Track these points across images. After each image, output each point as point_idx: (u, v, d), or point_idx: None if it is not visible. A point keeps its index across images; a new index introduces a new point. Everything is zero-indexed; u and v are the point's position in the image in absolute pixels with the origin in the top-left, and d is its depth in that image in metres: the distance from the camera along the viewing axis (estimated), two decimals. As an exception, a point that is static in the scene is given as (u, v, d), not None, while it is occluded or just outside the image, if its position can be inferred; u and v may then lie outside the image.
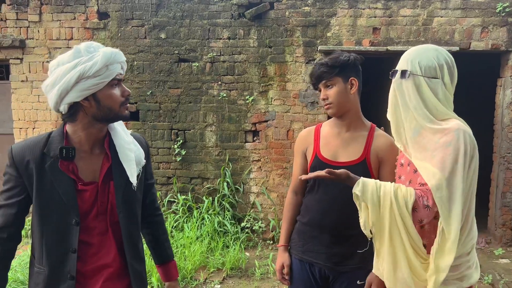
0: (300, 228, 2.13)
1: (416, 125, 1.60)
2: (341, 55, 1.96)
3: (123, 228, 1.60)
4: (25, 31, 5.43)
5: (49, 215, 1.51)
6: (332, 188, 1.99)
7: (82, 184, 1.53)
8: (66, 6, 5.37)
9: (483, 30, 4.92)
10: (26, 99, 5.52)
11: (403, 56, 1.69)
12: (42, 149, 1.51)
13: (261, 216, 5.41)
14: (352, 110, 2.00)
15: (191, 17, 5.28)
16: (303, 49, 5.16)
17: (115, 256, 1.60)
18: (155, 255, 1.89)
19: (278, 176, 5.36)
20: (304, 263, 2.09)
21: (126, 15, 5.34)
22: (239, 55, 5.27)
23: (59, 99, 1.45)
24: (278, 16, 5.16)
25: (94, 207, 1.55)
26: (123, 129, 1.65)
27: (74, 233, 1.51)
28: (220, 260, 4.49)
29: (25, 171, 1.49)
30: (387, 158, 1.96)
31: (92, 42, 1.53)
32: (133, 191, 1.61)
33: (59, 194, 1.49)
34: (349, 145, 2.01)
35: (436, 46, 1.66)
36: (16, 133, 5.58)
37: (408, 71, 1.61)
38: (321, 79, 1.97)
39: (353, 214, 1.99)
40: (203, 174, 5.47)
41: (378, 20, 5.03)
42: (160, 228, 1.89)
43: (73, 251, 1.51)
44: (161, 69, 5.37)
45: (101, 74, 1.44)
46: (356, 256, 2.01)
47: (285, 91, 5.25)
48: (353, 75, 1.97)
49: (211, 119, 5.39)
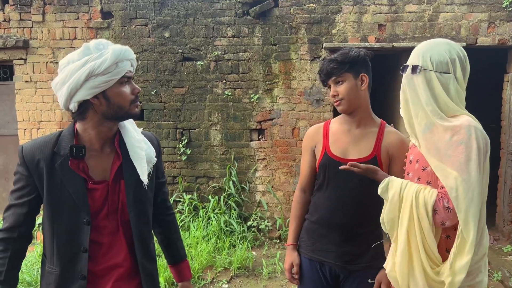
0: (309, 226, 2.11)
1: (427, 121, 1.57)
2: (350, 51, 1.93)
3: (133, 227, 1.58)
4: (29, 31, 5.42)
5: (59, 214, 1.49)
6: (342, 186, 1.97)
7: (92, 182, 1.51)
8: (70, 6, 5.35)
9: (490, 25, 4.87)
10: (30, 100, 5.50)
11: (414, 50, 1.66)
12: (52, 148, 1.49)
13: (267, 215, 5.39)
14: (363, 107, 1.97)
15: (195, 16, 5.25)
16: (308, 47, 5.13)
17: (126, 255, 1.58)
18: (167, 255, 1.87)
19: (284, 174, 5.33)
20: (314, 262, 2.06)
21: (130, 14, 5.32)
22: (243, 53, 5.24)
23: (69, 97, 1.44)
24: (282, 13, 5.13)
25: (104, 206, 1.53)
26: (133, 128, 1.64)
27: (85, 233, 1.49)
28: (227, 259, 4.47)
29: (35, 170, 1.48)
30: (398, 155, 1.93)
31: (102, 39, 1.51)
32: (144, 190, 1.59)
33: (69, 193, 1.47)
34: (359, 142, 1.98)
35: (448, 40, 1.63)
36: (20, 134, 5.56)
37: (419, 66, 1.58)
38: (331, 75, 1.94)
39: (363, 212, 1.97)
40: (208, 173, 5.45)
41: (384, 16, 4.99)
42: (172, 227, 1.87)
43: (84, 251, 1.49)
44: (165, 68, 5.34)
45: (110, 71, 1.43)
46: (367, 254, 1.98)
47: (290, 89, 5.22)
48: (363, 71, 1.94)
49: (216, 118, 5.36)
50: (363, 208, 1.96)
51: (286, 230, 5.23)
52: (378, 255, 2.01)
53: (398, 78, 5.33)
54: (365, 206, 1.96)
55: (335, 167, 1.94)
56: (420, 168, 1.64)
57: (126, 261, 1.58)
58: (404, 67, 1.67)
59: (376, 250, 2.00)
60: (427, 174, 1.61)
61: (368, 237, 2.00)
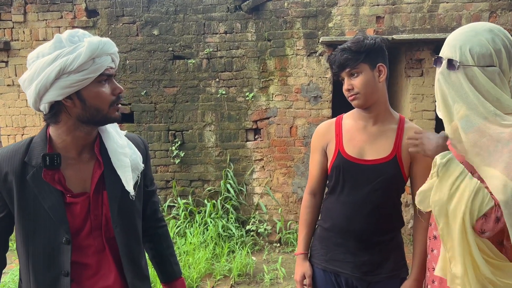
0: (322, 234, 1.90)
1: (473, 119, 1.33)
2: (366, 38, 1.69)
3: (120, 244, 1.37)
4: (10, 32, 5.14)
5: (34, 234, 1.27)
6: (358, 189, 1.76)
7: (70, 196, 1.29)
8: (52, 4, 5.08)
9: (491, 15, 4.71)
10: (14, 104, 5.22)
11: (448, 40, 1.43)
12: (22, 158, 1.27)
13: (266, 217, 5.17)
14: (381, 101, 1.75)
15: (185, 12, 5.02)
16: (304, 41, 4.92)
17: (116, 277, 1.38)
18: (160, 273, 1.66)
19: (283, 175, 5.12)
20: (328, 273, 1.85)
21: (116, 11, 5.06)
22: (237, 50, 5.01)
23: (38, 98, 1.23)
24: (276, 7, 4.92)
25: (86, 222, 1.32)
26: (116, 130, 1.42)
27: (66, 253, 1.28)
28: (226, 266, 4.25)
29: (3, 185, 1.25)
30: (420, 154, 1.72)
31: (78, 30, 1.28)
32: (130, 201, 1.38)
33: (44, 209, 1.26)
34: (376, 141, 1.76)
35: (490, 25, 1.37)
36: (4, 140, 5.28)
37: (457, 62, 1.35)
38: (345, 67, 1.70)
39: (382, 217, 1.76)
40: (203, 176, 5.21)
41: (382, 8, 4.80)
42: (165, 241, 1.67)
43: (66, 274, 1.28)
44: (155, 68, 5.10)
45: (85, 68, 1.22)
46: (387, 264, 1.78)
47: (286, 86, 5.01)
48: (381, 61, 1.71)
49: (210, 118, 5.13)
50: (383, 213, 1.76)
51: (286, 233, 5.03)
52: (400, 265, 1.81)
53: (397, 72, 5.19)
54: (385, 210, 1.77)
55: (351, 169, 1.75)
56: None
57: (116, 283, 1.38)
58: (437, 59, 1.44)
59: (397, 259, 1.81)
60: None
61: (388, 244, 1.80)
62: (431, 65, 4.72)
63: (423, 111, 4.79)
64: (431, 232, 1.60)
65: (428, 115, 4.78)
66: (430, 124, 4.78)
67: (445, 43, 1.45)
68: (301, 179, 5.08)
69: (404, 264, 1.83)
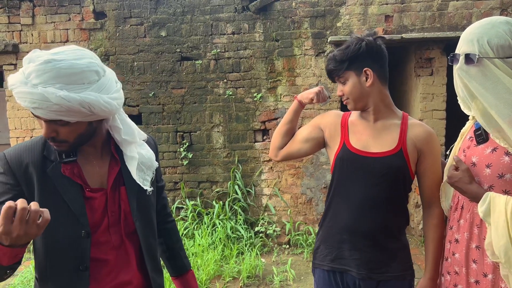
0: (326, 234, 1.85)
1: (503, 109, 1.31)
2: (351, 44, 1.70)
3: (142, 238, 1.39)
4: (18, 35, 5.16)
5: (54, 227, 1.25)
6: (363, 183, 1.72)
7: (89, 190, 1.30)
8: (60, 7, 5.09)
9: (502, 13, 4.65)
10: (22, 107, 5.22)
11: (464, 36, 1.40)
12: (41, 151, 1.28)
13: (275, 219, 5.13)
14: (374, 101, 1.74)
15: (192, 13, 5.01)
16: (312, 41, 4.89)
17: (135, 271, 1.39)
18: (170, 267, 1.68)
19: (291, 176, 5.08)
20: (333, 274, 1.81)
21: (124, 13, 5.07)
22: (244, 51, 4.99)
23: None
24: (284, 7, 4.89)
25: (104, 218, 1.33)
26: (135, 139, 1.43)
27: (85, 247, 1.28)
28: (235, 268, 4.22)
29: (23, 176, 1.25)
30: (428, 149, 1.70)
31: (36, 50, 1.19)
32: (147, 196, 1.41)
33: (64, 202, 1.26)
34: (381, 135, 1.74)
35: (506, 18, 1.36)
36: (13, 143, 5.30)
37: (476, 55, 1.32)
38: (332, 76, 1.79)
39: (389, 214, 1.72)
40: (211, 177, 5.19)
41: (390, 7, 4.76)
42: (174, 236, 1.70)
43: (84, 269, 1.28)
44: (163, 69, 5.09)
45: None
46: (395, 263, 1.73)
47: (294, 87, 4.98)
48: (367, 65, 1.70)
49: (218, 119, 5.11)
50: (389, 209, 1.73)
51: (296, 235, 4.99)
52: (407, 266, 1.77)
53: (407, 71, 5.14)
54: (391, 206, 1.73)
55: (356, 162, 1.73)
56: (494, 175, 1.38)
57: (135, 278, 1.40)
58: (454, 56, 1.41)
59: (405, 259, 1.77)
60: (505, 182, 1.36)
61: (395, 242, 1.76)
62: (441, 64, 4.67)
63: (433, 111, 4.73)
64: (453, 235, 1.56)
65: (438, 115, 4.73)
66: (441, 124, 4.72)
67: (461, 39, 1.43)
68: (310, 180, 5.04)
69: (411, 265, 1.79)
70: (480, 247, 1.42)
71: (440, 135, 4.70)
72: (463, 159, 1.50)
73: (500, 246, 1.31)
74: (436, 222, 1.70)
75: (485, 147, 1.43)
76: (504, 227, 1.30)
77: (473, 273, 1.46)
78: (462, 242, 1.49)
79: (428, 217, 1.75)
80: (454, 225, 1.55)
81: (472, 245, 1.46)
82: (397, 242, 1.76)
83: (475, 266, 1.45)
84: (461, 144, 1.59)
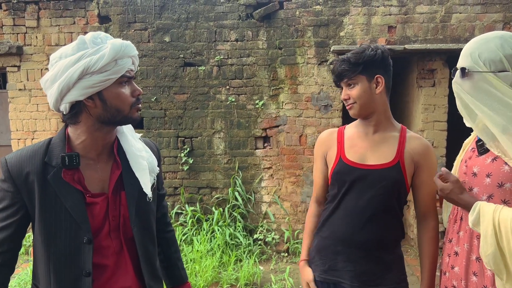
0: (321, 244, 1.85)
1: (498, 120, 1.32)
2: (367, 49, 1.70)
3: (139, 244, 1.38)
4: (23, 37, 5.19)
5: (56, 234, 1.27)
6: (360, 195, 1.72)
7: (90, 196, 1.30)
8: (65, 10, 5.12)
9: (505, 26, 4.67)
10: (24, 109, 5.25)
11: (463, 50, 1.44)
12: (42, 158, 1.28)
13: (274, 227, 5.12)
14: (378, 111, 1.74)
15: (196, 19, 5.04)
16: (315, 50, 4.91)
17: (133, 278, 1.38)
18: (167, 277, 1.66)
19: (291, 184, 5.08)
20: (327, 285, 1.80)
21: (128, 18, 5.10)
22: (247, 58, 5.01)
23: (59, 97, 1.24)
24: (288, 16, 4.92)
25: (105, 223, 1.33)
26: (131, 134, 1.44)
27: (87, 253, 1.28)
28: (233, 275, 4.19)
29: (24, 185, 1.25)
30: (425, 162, 1.70)
31: (100, 32, 1.29)
32: (147, 202, 1.41)
33: (66, 209, 1.26)
34: (378, 147, 1.74)
35: (502, 32, 1.39)
36: (14, 145, 5.31)
37: (466, 68, 1.37)
38: (343, 77, 1.73)
39: (384, 224, 1.71)
40: (211, 183, 5.19)
41: (394, 18, 4.78)
42: (172, 245, 1.68)
43: (87, 275, 1.28)
44: (166, 74, 5.11)
45: (108, 69, 1.23)
46: (389, 275, 1.72)
47: (296, 95, 4.99)
48: (380, 72, 1.70)
49: (219, 126, 5.12)
50: (384, 221, 1.72)
51: (294, 243, 4.97)
52: (402, 278, 1.76)
53: (409, 82, 5.15)
54: (386, 219, 1.73)
55: (352, 174, 1.72)
56: (494, 185, 1.39)
57: (133, 284, 1.39)
58: (455, 71, 1.45)
59: (400, 272, 1.77)
60: (505, 192, 1.36)
61: (390, 254, 1.75)
62: (443, 76, 4.68)
63: (434, 122, 4.73)
64: (452, 248, 1.56)
65: (440, 126, 4.73)
66: (442, 135, 4.73)
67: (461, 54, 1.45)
68: (310, 188, 5.03)
69: (405, 278, 1.78)
70: (481, 259, 1.41)
71: (441, 146, 4.70)
72: (464, 169, 1.51)
73: (488, 255, 1.32)
74: (431, 235, 1.71)
75: (486, 157, 1.44)
76: (492, 235, 1.31)
77: (472, 286, 1.45)
78: (462, 254, 1.48)
79: (423, 230, 1.75)
80: (453, 237, 1.55)
81: (472, 257, 1.46)
82: (393, 254, 1.76)
83: (475, 279, 1.44)
84: (463, 155, 1.59)
